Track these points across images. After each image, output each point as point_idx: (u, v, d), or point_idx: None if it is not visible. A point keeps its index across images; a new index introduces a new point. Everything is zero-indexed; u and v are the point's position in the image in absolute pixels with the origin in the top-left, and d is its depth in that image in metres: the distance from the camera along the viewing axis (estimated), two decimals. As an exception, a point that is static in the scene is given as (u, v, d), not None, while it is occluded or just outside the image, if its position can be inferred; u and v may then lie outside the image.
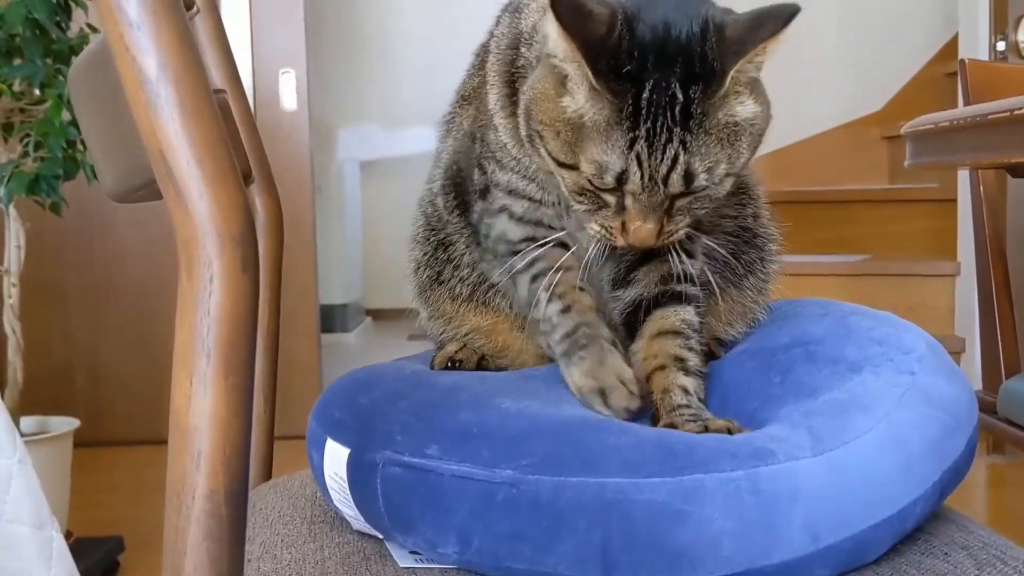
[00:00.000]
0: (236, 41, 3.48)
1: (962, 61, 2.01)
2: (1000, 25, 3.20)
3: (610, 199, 0.81)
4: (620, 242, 0.83)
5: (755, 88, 0.81)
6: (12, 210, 2.30)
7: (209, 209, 0.57)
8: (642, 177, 0.78)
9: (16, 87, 2.28)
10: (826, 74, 4.45)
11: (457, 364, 1.01)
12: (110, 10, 0.56)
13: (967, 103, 1.93)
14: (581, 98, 0.79)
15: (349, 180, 5.26)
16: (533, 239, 0.93)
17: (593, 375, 0.86)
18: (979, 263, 1.97)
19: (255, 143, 1.11)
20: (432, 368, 1.03)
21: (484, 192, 0.97)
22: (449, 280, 1.04)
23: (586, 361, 0.87)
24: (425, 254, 1.06)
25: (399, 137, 5.44)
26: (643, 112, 0.77)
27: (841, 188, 4.17)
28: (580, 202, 0.83)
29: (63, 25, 2.26)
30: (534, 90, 0.83)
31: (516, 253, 0.94)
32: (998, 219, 1.97)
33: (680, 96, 0.76)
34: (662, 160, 0.77)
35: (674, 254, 0.88)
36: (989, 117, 1.26)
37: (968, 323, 3.21)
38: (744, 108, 0.80)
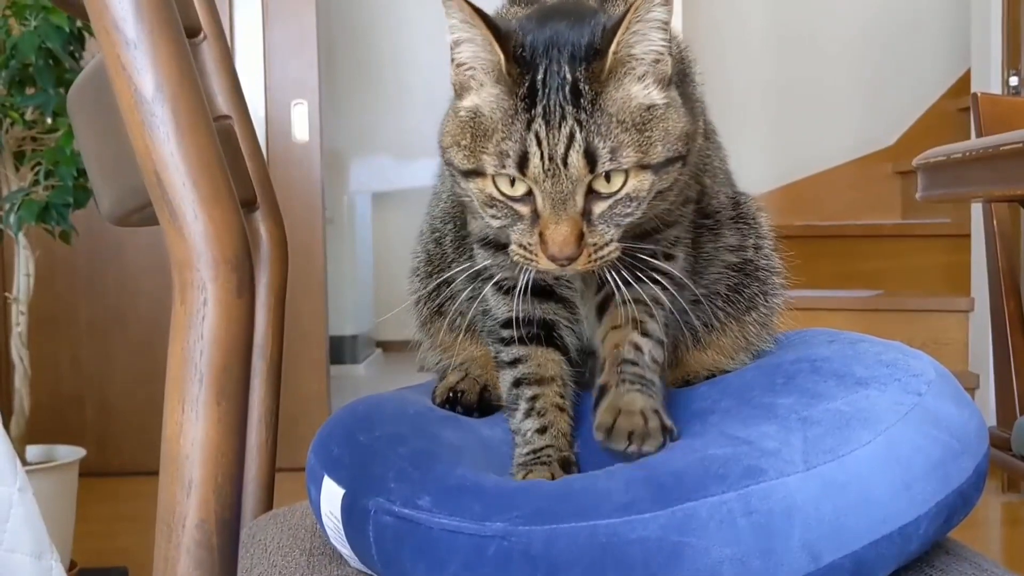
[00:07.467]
0: (249, 72, 3.50)
1: (975, 95, 2.00)
2: (1012, 60, 3.20)
3: (523, 209, 0.79)
4: (543, 262, 0.79)
5: (666, 86, 0.81)
6: (22, 238, 2.30)
7: (204, 230, 0.56)
8: (542, 158, 0.76)
9: (28, 116, 2.29)
10: (838, 109, 4.45)
11: (460, 395, 1.00)
12: (107, 29, 0.56)
13: (980, 137, 1.92)
14: (484, 92, 0.80)
15: (361, 212, 5.27)
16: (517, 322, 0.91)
17: None
18: (993, 298, 1.96)
19: (260, 170, 1.11)
20: (434, 400, 1.01)
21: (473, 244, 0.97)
22: (450, 313, 1.03)
23: (536, 474, 0.83)
24: (426, 287, 1.06)
25: (411, 169, 5.44)
26: (539, 93, 0.77)
27: (853, 223, 4.16)
28: (494, 216, 0.81)
29: (76, 54, 2.28)
30: (443, 122, 0.84)
31: (502, 340, 0.93)
32: (1012, 254, 1.95)
33: (569, 76, 0.77)
34: (559, 139, 0.76)
35: (634, 278, 0.84)
36: (1002, 149, 1.24)
37: (982, 359, 3.18)
38: (645, 94, 0.79)
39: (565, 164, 0.76)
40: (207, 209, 0.56)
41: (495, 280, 0.92)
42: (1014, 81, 3.16)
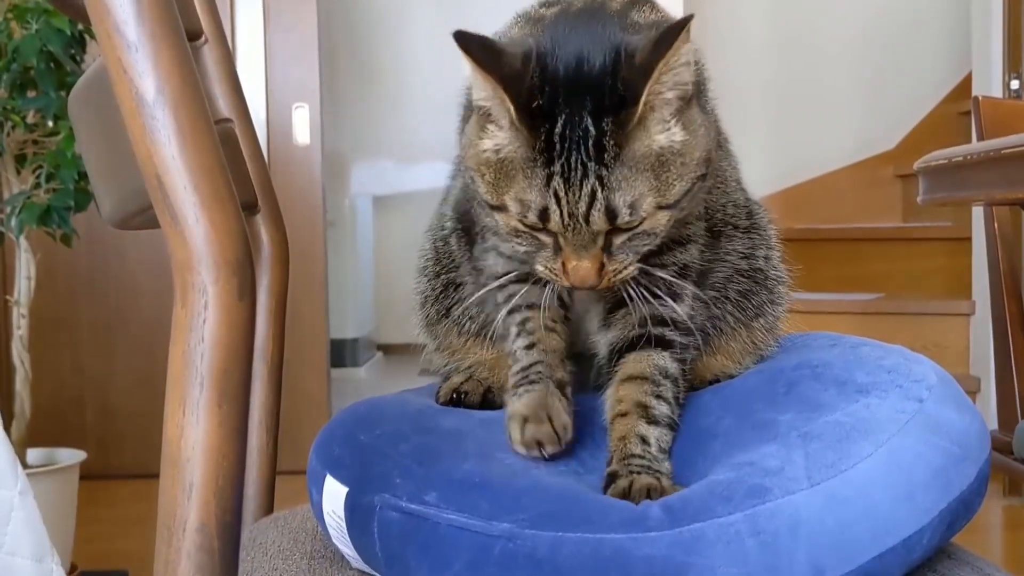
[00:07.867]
0: (251, 75, 3.50)
1: (976, 98, 2.00)
2: (1014, 64, 3.20)
3: (546, 239, 0.80)
4: (565, 283, 0.81)
5: (685, 115, 0.79)
6: (23, 241, 2.30)
7: (205, 234, 0.56)
8: (562, 215, 0.77)
9: (30, 119, 2.29)
10: (839, 111, 4.45)
11: (463, 396, 1.00)
12: (109, 32, 0.56)
13: (981, 140, 1.92)
14: (503, 135, 0.78)
15: (362, 214, 5.27)
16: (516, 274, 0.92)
17: (528, 407, 0.83)
18: (994, 302, 1.95)
19: (262, 173, 1.11)
20: (438, 400, 1.01)
21: (481, 233, 0.96)
22: (460, 317, 1.03)
23: (528, 396, 0.84)
24: (434, 289, 1.05)
25: (412, 172, 5.44)
26: (557, 148, 0.76)
27: (854, 226, 4.16)
28: (519, 243, 0.82)
29: (77, 58, 2.28)
30: (466, 136, 0.83)
31: (500, 287, 0.93)
32: (1013, 257, 1.95)
33: (592, 130, 0.75)
34: (580, 197, 0.76)
35: (644, 296, 0.85)
36: (1003, 152, 1.25)
37: (983, 362, 3.18)
38: (667, 136, 0.78)
39: (587, 221, 0.77)
40: (208, 212, 0.56)
41: (499, 250, 0.93)
42: (1015, 85, 3.16)
